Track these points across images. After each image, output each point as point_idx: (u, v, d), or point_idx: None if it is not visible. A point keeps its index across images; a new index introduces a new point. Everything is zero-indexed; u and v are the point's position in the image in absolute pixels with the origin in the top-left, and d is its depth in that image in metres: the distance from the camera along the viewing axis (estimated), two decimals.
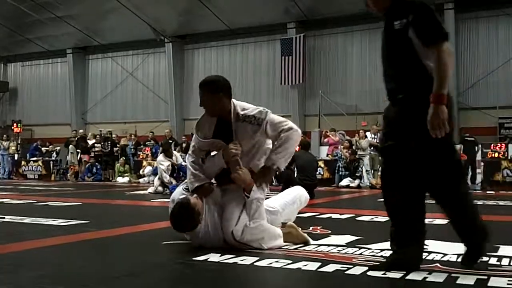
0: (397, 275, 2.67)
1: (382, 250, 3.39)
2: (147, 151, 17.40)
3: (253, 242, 3.33)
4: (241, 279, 2.74)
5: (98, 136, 18.62)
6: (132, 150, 17.88)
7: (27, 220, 5.16)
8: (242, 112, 3.52)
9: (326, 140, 15.46)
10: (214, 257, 3.10)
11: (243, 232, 3.32)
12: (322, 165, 14.47)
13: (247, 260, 3.03)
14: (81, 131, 19.85)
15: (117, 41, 22.83)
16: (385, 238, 3.79)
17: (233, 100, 3.57)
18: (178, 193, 3.75)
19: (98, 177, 17.04)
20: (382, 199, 2.86)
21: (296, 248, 3.45)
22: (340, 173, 13.73)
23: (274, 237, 3.43)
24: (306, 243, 3.57)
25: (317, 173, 12.76)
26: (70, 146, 17.90)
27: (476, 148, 13.99)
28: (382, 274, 2.69)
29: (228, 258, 3.07)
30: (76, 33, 22.52)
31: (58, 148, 19.46)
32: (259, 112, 3.53)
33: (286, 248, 3.42)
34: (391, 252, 2.87)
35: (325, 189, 12.09)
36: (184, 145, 16.67)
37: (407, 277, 2.63)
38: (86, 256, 3.39)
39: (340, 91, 19.12)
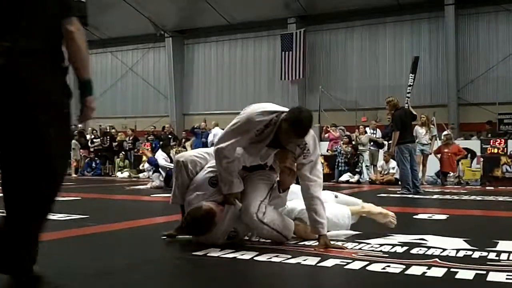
0: (396, 270, 2.68)
1: (381, 244, 3.40)
2: (148, 146, 17.37)
3: (272, 224, 3.33)
4: (241, 274, 2.74)
5: (95, 131, 18.59)
6: (130, 145, 17.83)
7: None
8: None
9: (326, 135, 15.45)
10: (213, 252, 3.10)
11: (264, 213, 3.31)
12: (322, 161, 14.44)
13: (247, 255, 3.04)
14: (80, 126, 19.77)
15: (117, 36, 22.76)
16: (385, 233, 3.82)
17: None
18: (203, 180, 3.48)
19: (97, 172, 17.05)
20: (383, 196, 2.85)
21: (295, 243, 3.45)
22: (340, 168, 13.74)
23: (288, 228, 3.47)
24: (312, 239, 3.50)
25: None
26: (73, 141, 17.87)
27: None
28: (382, 269, 2.70)
29: (227, 253, 3.07)
30: None
31: None
32: None
33: (286, 243, 3.42)
34: None
35: (325, 184, 12.07)
36: (183, 140, 16.70)
37: (406, 272, 2.64)
38: (85, 250, 3.40)
39: (340, 87, 19.09)
